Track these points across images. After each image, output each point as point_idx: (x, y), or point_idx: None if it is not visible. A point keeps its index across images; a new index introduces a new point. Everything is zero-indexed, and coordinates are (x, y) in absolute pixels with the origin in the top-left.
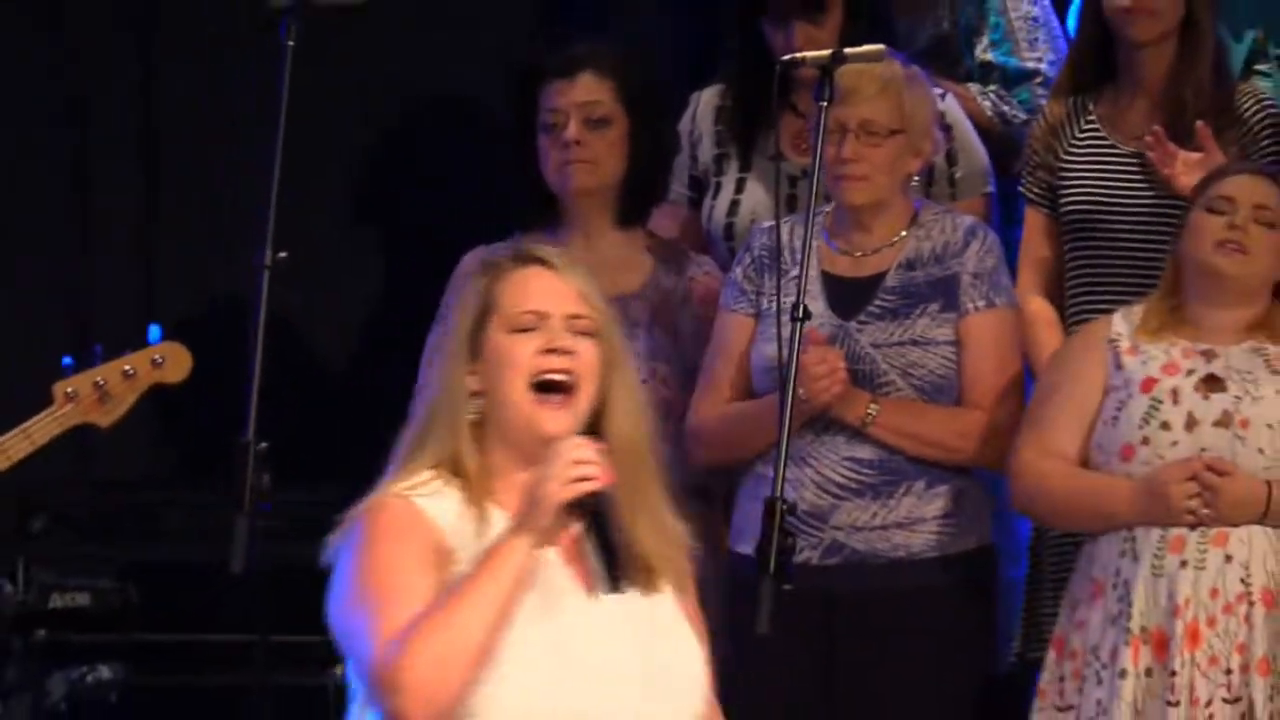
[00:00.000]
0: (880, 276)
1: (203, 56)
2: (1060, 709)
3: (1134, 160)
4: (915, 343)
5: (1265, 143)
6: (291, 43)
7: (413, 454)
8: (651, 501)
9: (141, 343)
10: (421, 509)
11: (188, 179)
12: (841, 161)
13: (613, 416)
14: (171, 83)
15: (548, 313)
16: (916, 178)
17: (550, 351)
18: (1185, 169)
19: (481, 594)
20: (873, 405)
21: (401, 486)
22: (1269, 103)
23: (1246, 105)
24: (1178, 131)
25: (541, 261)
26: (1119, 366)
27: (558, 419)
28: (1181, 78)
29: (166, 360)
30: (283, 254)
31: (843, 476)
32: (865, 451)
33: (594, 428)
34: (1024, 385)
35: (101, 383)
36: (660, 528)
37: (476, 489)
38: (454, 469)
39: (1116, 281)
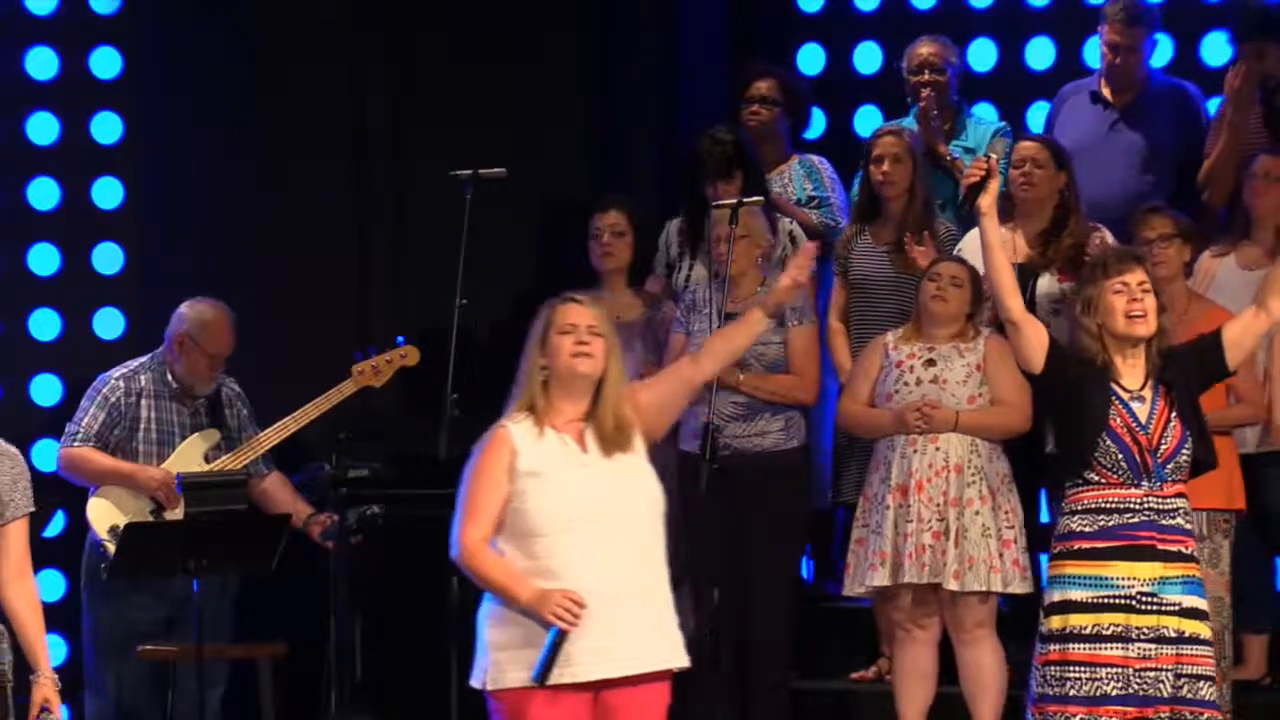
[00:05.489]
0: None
1: (429, 200)
2: (864, 525)
3: (885, 254)
4: (763, 343)
5: (949, 247)
6: (469, 196)
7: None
8: (624, 398)
9: (393, 345)
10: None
11: (421, 260)
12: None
13: (610, 371)
14: (416, 213)
15: (577, 324)
16: (763, 259)
17: (579, 343)
18: (921, 257)
19: (499, 586)
20: (742, 375)
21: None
22: (951, 226)
23: (941, 229)
24: (902, 238)
25: (575, 300)
26: (888, 356)
27: (586, 363)
28: (906, 214)
29: (407, 355)
30: (464, 301)
31: (730, 410)
32: (739, 398)
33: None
34: (820, 362)
35: (375, 366)
36: (626, 413)
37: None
38: (530, 408)
39: (872, 316)
